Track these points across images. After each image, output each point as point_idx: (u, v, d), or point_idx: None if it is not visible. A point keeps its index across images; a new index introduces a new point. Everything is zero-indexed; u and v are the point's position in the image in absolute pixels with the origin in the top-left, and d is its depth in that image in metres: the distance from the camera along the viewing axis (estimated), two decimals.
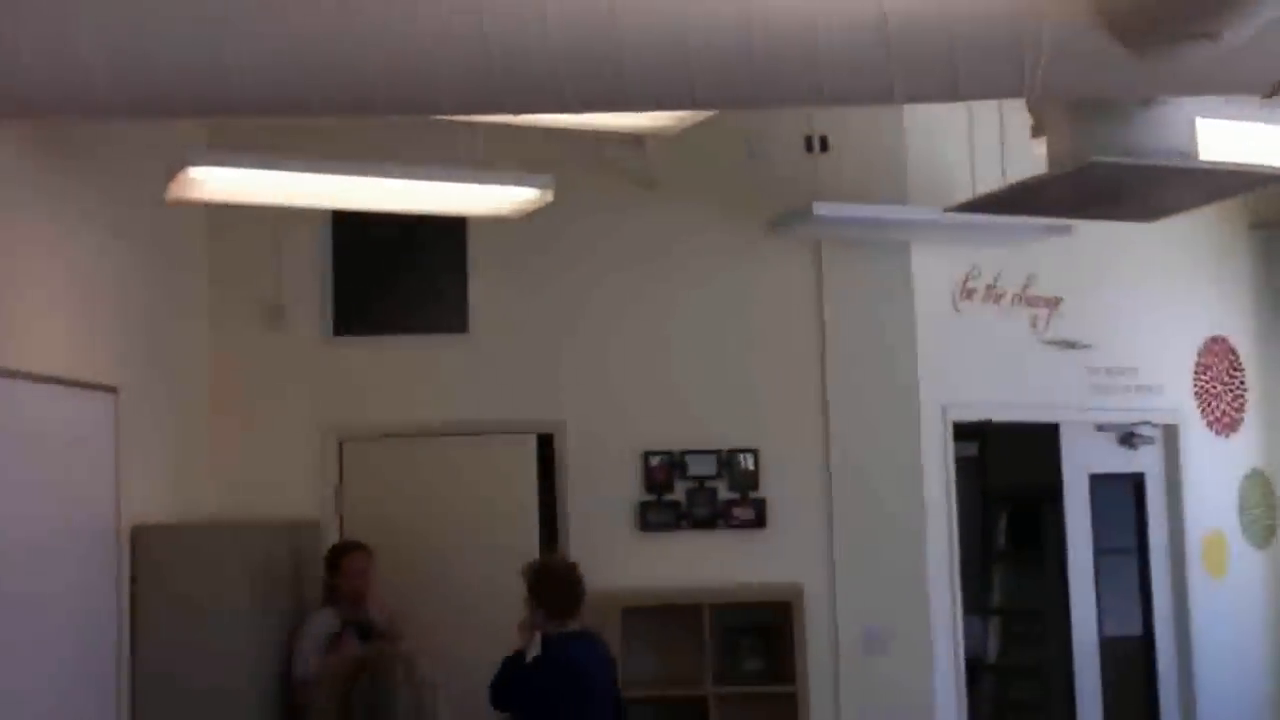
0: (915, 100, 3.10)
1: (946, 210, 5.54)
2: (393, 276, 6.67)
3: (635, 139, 6.15)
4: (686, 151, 6.22)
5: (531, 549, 6.16)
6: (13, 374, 4.57)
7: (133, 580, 5.44)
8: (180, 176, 4.71)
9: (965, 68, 2.94)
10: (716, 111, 4.09)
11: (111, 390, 5.32)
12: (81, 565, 5.06)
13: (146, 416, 5.63)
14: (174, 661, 5.41)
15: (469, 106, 2.86)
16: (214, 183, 4.95)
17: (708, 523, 6.61)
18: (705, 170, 6.62)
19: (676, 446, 6.62)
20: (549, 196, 5.26)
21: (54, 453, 4.86)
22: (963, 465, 6.91)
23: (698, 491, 6.62)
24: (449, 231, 6.54)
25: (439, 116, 2.90)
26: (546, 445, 6.60)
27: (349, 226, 6.57)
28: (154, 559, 5.48)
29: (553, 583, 5.13)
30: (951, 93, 3.10)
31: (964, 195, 5.46)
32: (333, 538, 6.36)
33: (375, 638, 5.60)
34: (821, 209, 6.14)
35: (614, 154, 6.44)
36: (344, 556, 5.95)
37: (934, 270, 6.79)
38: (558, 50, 2.74)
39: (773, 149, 6.53)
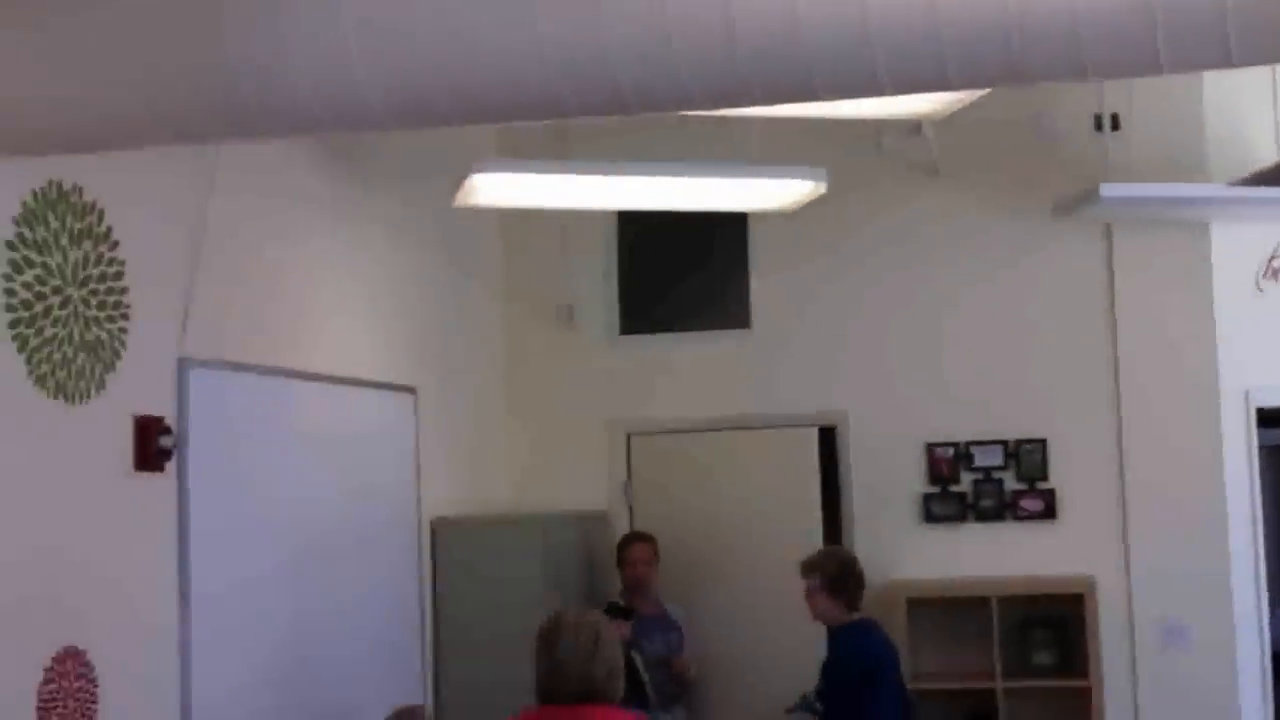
0: (1182, 70, 2.96)
1: (1231, 184, 5.26)
2: (677, 275, 6.81)
3: (912, 125, 6.08)
4: (967, 135, 6.12)
5: (814, 541, 6.16)
6: (320, 378, 4.91)
7: (433, 568, 5.76)
8: (466, 184, 4.94)
9: (1238, 32, 2.80)
10: (991, 91, 4.01)
11: (411, 391, 5.63)
12: (389, 554, 5.39)
13: (444, 415, 5.94)
14: (471, 642, 5.72)
15: (718, 100, 2.89)
16: (500, 188, 5.16)
17: (995, 514, 6.47)
18: (987, 154, 6.47)
19: (961, 437, 6.51)
20: (823, 189, 5.26)
21: (361, 451, 5.20)
22: (1269, 453, 6.54)
23: (984, 483, 6.50)
24: (731, 228, 6.64)
25: (698, 113, 2.96)
26: (828, 438, 6.60)
27: (634, 226, 6.75)
28: (452, 549, 5.79)
29: (853, 573, 5.15)
30: (1224, 58, 2.95)
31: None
32: (623, 530, 6.55)
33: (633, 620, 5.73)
34: (1110, 191, 5.91)
35: (891, 142, 6.40)
36: (627, 547, 6.14)
37: (1235, 249, 6.43)
38: (805, 36, 2.75)
39: (1060, 129, 6.35)
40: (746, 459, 6.58)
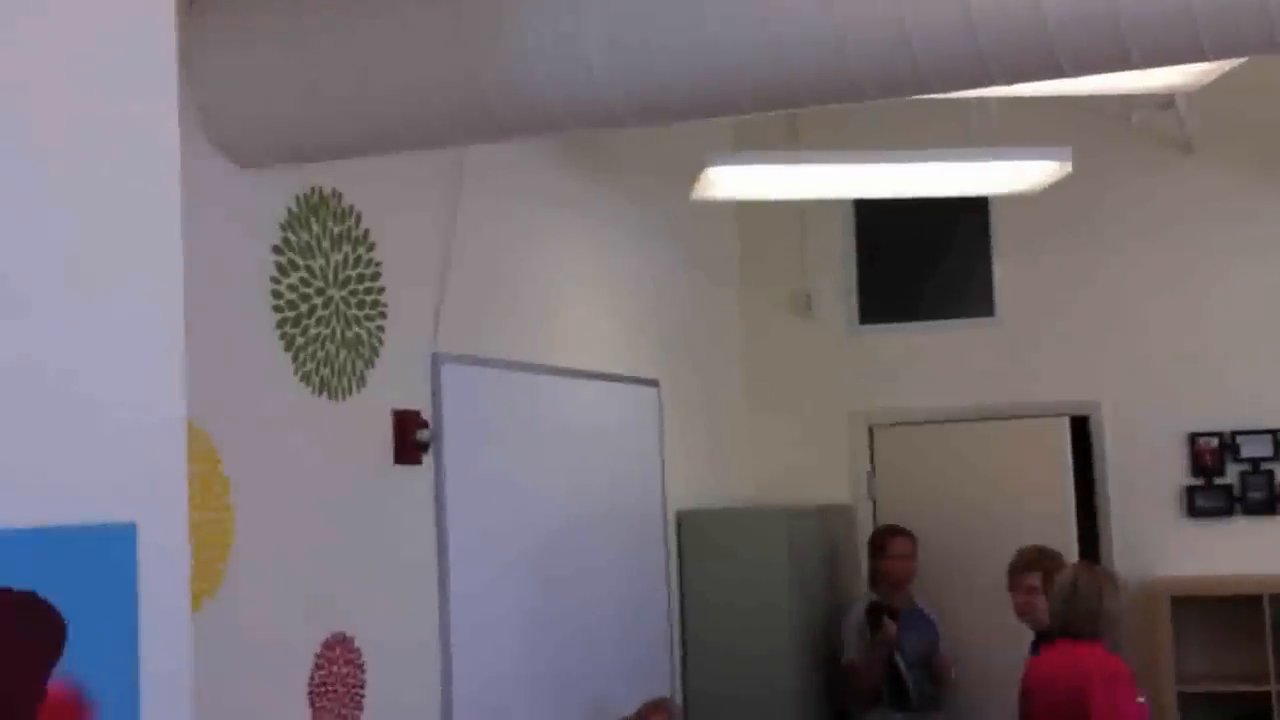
0: None
1: None
2: (917, 262, 6.70)
3: (1164, 99, 5.84)
4: (1223, 108, 5.84)
5: (1068, 537, 5.99)
6: (566, 371, 5.01)
7: (679, 558, 5.81)
8: (703, 177, 4.97)
9: None
10: (1248, 60, 3.84)
11: (654, 383, 5.70)
12: (636, 546, 5.47)
13: (685, 407, 5.99)
14: (716, 630, 5.76)
15: (956, 82, 2.83)
16: (736, 181, 5.17)
17: (1265, 508, 6.17)
18: (1246, 128, 6.17)
19: (1226, 426, 6.22)
20: (1068, 168, 5.10)
21: (606, 443, 5.28)
22: None
23: (1252, 474, 6.19)
24: (971, 213, 6.49)
25: (931, 95, 2.91)
26: (1081, 428, 6.39)
27: (872, 214, 6.66)
28: (696, 542, 5.83)
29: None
30: None
31: None
32: (865, 522, 6.48)
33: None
34: None
35: (1141, 117, 6.16)
36: (888, 541, 6.00)
37: None
38: (1048, 11, 2.67)
39: None
40: (994, 451, 6.42)
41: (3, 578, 1.92)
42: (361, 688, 3.83)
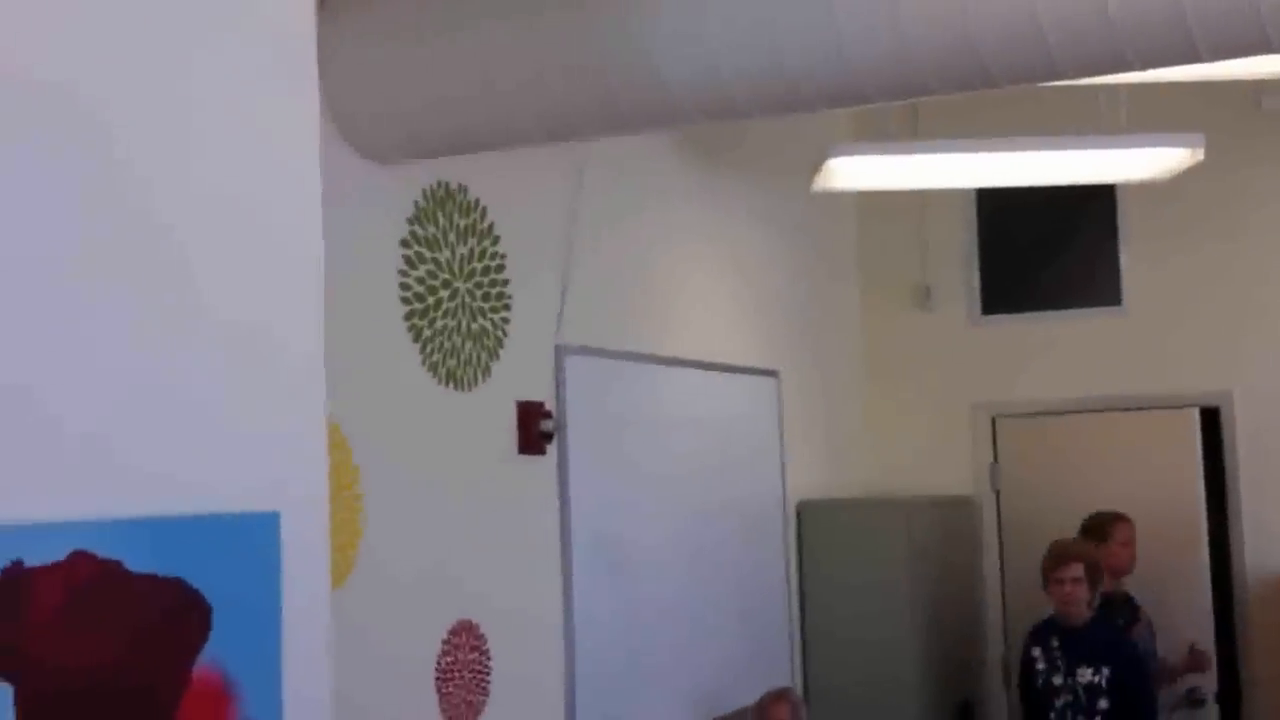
0: None
1: None
2: (1041, 252, 6.59)
3: None
4: None
5: (1197, 531, 5.88)
6: (687, 363, 5.03)
7: (799, 549, 5.81)
8: (823, 168, 4.94)
9: None
10: None
11: (773, 374, 5.69)
12: (756, 536, 5.47)
13: (804, 398, 5.97)
14: (836, 620, 5.75)
15: (1089, 69, 2.78)
16: (857, 171, 5.13)
17: None
18: None
19: None
20: (1199, 155, 4.98)
21: (727, 434, 5.29)
22: None
23: None
24: (1097, 202, 6.37)
25: (1062, 82, 2.86)
26: (1211, 420, 6.25)
27: (994, 203, 6.58)
28: (816, 530, 5.82)
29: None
30: None
31: None
32: (989, 515, 6.41)
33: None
34: None
35: (1272, 101, 5.99)
36: (1114, 527, 5.64)
37: None
38: None
39: None
40: (1120, 443, 6.30)
41: (152, 565, 1.99)
42: (487, 673, 3.89)
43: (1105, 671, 4.96)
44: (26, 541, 1.84)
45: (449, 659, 3.76)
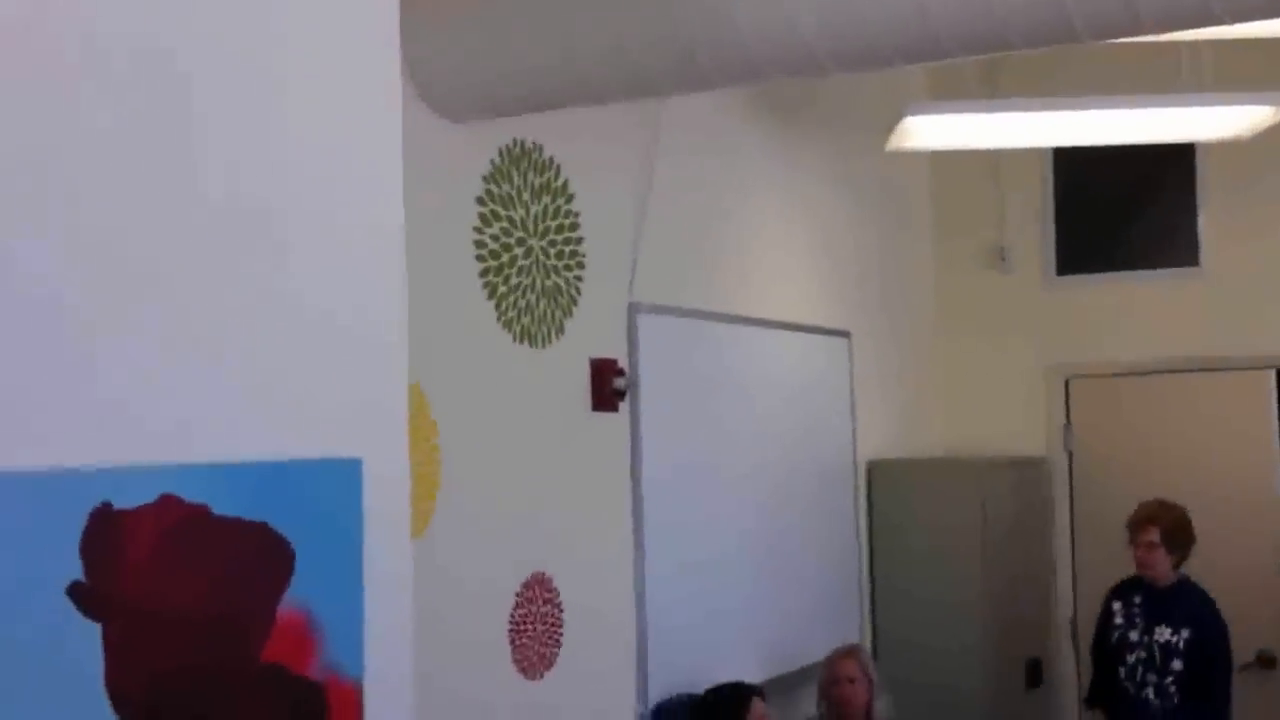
0: None
1: None
2: (1117, 212, 6.52)
3: None
4: None
5: (1273, 493, 5.80)
6: (759, 322, 5.05)
7: (869, 508, 5.82)
8: (899, 127, 4.92)
9: None
10: None
11: (845, 335, 5.69)
12: (827, 496, 5.49)
13: (877, 358, 5.97)
14: (906, 579, 5.78)
15: (1176, 23, 2.75)
16: (932, 130, 5.10)
17: None
18: None
19: None
20: None
21: (798, 394, 5.31)
22: None
23: None
24: (1176, 160, 6.29)
25: (1144, 38, 2.83)
26: None
27: (1070, 163, 6.51)
28: (887, 493, 5.82)
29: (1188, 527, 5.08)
30: None
31: None
32: (1061, 476, 6.38)
33: None
34: None
35: None
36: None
37: None
38: None
39: None
40: (1196, 404, 6.25)
41: (237, 508, 2.04)
42: (560, 626, 3.95)
43: (1185, 633, 4.92)
44: (115, 484, 1.88)
45: (522, 611, 3.82)
